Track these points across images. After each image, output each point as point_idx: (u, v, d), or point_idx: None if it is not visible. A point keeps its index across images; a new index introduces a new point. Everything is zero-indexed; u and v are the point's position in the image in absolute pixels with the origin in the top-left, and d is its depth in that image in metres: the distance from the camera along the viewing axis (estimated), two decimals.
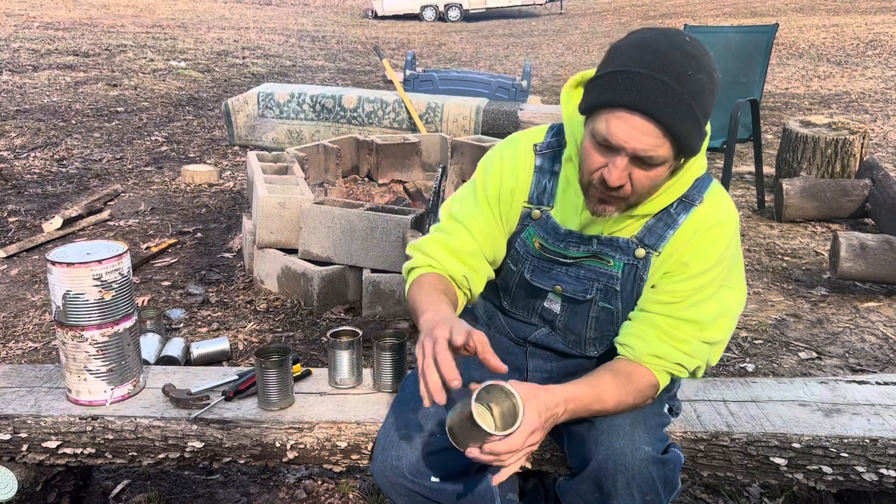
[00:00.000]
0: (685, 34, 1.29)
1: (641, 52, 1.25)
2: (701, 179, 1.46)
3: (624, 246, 1.47)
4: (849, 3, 19.48)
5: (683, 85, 1.22)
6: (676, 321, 1.43)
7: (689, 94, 1.23)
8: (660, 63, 1.23)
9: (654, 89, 1.22)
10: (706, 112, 1.27)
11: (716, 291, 1.44)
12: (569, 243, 1.50)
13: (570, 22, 20.49)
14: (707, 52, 1.28)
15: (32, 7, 16.93)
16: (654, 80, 1.22)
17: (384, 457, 1.51)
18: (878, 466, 1.65)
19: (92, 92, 8.25)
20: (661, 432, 1.49)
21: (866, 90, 8.96)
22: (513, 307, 1.64)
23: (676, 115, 1.23)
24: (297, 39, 14.60)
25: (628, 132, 1.25)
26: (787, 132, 4.95)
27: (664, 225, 1.45)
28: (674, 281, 1.45)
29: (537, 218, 1.52)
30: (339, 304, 3.30)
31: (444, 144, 4.40)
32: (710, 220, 1.43)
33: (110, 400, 1.77)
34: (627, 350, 1.46)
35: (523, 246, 1.55)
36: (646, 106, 1.23)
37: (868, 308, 3.39)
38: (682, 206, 1.44)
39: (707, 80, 1.26)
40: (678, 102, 1.22)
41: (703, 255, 1.43)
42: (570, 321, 1.57)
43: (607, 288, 1.50)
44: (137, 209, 4.66)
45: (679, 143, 1.26)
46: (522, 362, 1.65)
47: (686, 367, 1.46)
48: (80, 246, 1.77)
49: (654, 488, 1.39)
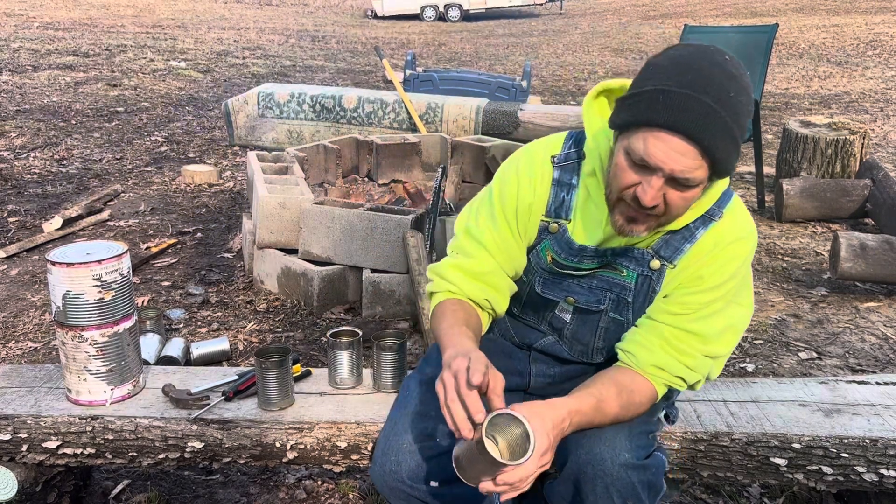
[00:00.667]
0: (724, 52, 1.26)
1: (682, 70, 1.22)
2: (722, 194, 1.44)
3: (639, 257, 1.45)
4: (849, 3, 19.49)
5: (725, 107, 1.20)
6: (682, 333, 1.42)
7: (730, 117, 1.20)
8: (702, 83, 1.20)
9: (696, 111, 1.19)
10: (744, 133, 1.25)
11: (725, 306, 1.43)
12: (583, 257, 1.48)
13: (570, 22, 20.50)
14: (744, 70, 1.25)
15: (32, 7, 16.93)
16: (696, 101, 1.19)
17: (383, 461, 1.51)
18: (879, 467, 1.65)
19: (92, 92, 8.25)
20: (646, 439, 1.48)
21: (866, 90, 8.96)
22: (523, 314, 1.63)
23: (717, 137, 1.20)
24: (297, 39, 14.61)
25: (667, 153, 1.22)
26: (788, 132, 4.95)
27: (681, 238, 1.42)
28: (686, 293, 1.43)
29: (555, 232, 1.49)
30: (339, 304, 3.30)
31: (444, 144, 4.40)
32: (729, 236, 1.41)
33: (110, 400, 1.77)
34: (630, 358, 1.44)
35: (536, 258, 1.53)
36: (687, 128, 1.20)
37: (868, 308, 3.39)
38: (702, 220, 1.42)
39: (746, 101, 1.24)
40: (720, 125, 1.20)
41: (719, 269, 1.41)
42: (578, 331, 1.56)
43: (619, 299, 1.49)
44: (137, 209, 4.66)
45: (716, 165, 1.24)
46: (525, 366, 1.65)
47: (686, 380, 1.44)
48: (80, 246, 1.77)
49: (635, 493, 1.39)
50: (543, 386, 1.64)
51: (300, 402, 1.79)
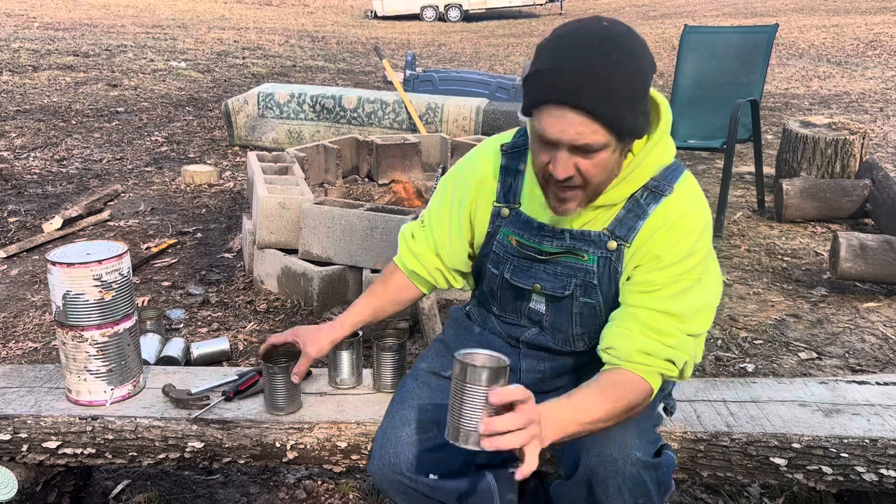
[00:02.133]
0: (603, 19, 1.31)
1: (557, 46, 1.29)
2: (671, 169, 1.45)
3: (596, 239, 1.48)
4: (849, 3, 19.49)
5: (601, 69, 1.24)
6: (657, 314, 1.41)
7: (607, 76, 1.24)
8: (576, 54, 1.25)
9: (573, 80, 1.24)
10: (634, 90, 1.28)
11: (694, 284, 1.43)
12: (543, 237, 1.51)
13: None
14: (627, 32, 1.30)
15: (32, 7, 16.94)
16: (571, 71, 1.24)
17: (382, 454, 1.51)
18: (878, 467, 1.66)
19: (92, 92, 8.25)
20: (654, 434, 1.48)
21: (866, 90, 8.96)
22: (502, 311, 1.66)
23: (599, 100, 1.25)
24: (297, 40, 14.60)
25: (558, 125, 1.28)
26: (787, 132, 4.95)
27: (634, 216, 1.45)
28: (647, 271, 1.44)
29: (507, 216, 1.55)
30: (339, 304, 3.30)
31: (444, 144, 4.40)
32: (677, 211, 1.43)
33: (110, 400, 1.77)
34: (612, 354, 1.43)
35: (501, 247, 1.57)
36: (568, 98, 1.25)
37: (868, 308, 3.39)
38: (652, 196, 1.44)
39: (627, 58, 1.26)
40: (599, 87, 1.24)
41: (674, 247, 1.42)
42: (555, 320, 1.58)
43: (585, 283, 1.51)
44: (137, 209, 4.66)
45: (612, 125, 1.27)
46: (516, 363, 1.65)
47: (675, 362, 1.42)
48: (80, 246, 1.77)
49: (647, 491, 1.39)
50: (534, 382, 1.65)
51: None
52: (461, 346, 1.67)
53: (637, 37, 1.30)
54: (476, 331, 1.72)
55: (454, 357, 1.23)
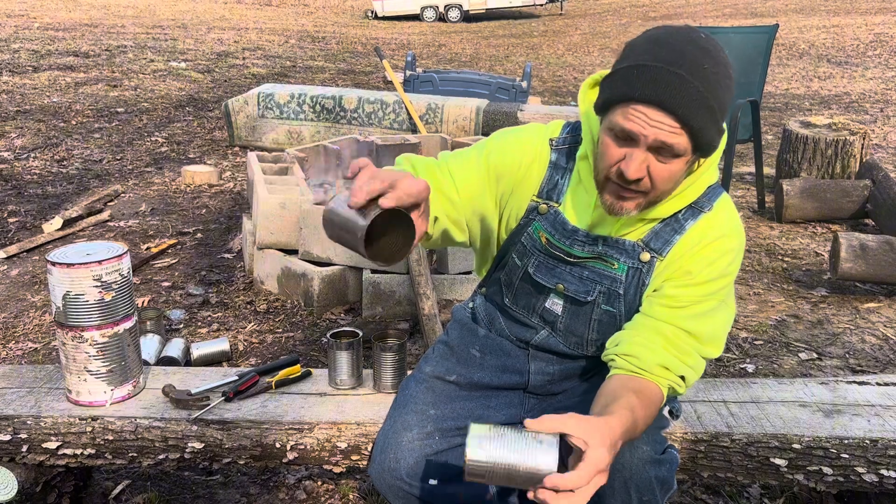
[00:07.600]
0: (700, 31, 1.30)
1: (656, 47, 1.26)
2: (712, 189, 1.45)
3: (629, 249, 1.45)
4: (849, 4, 19.49)
5: (699, 78, 1.23)
6: (680, 331, 1.41)
7: (705, 88, 1.23)
8: (675, 58, 1.24)
9: (671, 82, 1.23)
10: (722, 106, 1.27)
11: (718, 305, 1.43)
12: (574, 241, 1.48)
13: (570, 23, 20.49)
14: (721, 48, 1.29)
15: (32, 8, 16.94)
16: (669, 73, 1.23)
17: (382, 459, 1.51)
18: (879, 467, 1.65)
19: (92, 93, 8.25)
20: (660, 434, 1.48)
21: (866, 91, 8.96)
22: (514, 304, 1.61)
23: (693, 108, 1.23)
24: (298, 40, 14.60)
25: (645, 122, 1.25)
26: (788, 133, 4.95)
27: (671, 230, 1.44)
28: (677, 286, 1.43)
29: (544, 213, 1.50)
30: (340, 304, 3.30)
31: (444, 145, 4.40)
32: (715, 231, 1.42)
33: (110, 400, 1.77)
34: (632, 361, 1.41)
35: (530, 240, 1.53)
36: (662, 99, 1.23)
37: (868, 309, 3.39)
38: (691, 212, 1.43)
39: (723, 74, 1.26)
40: (695, 96, 1.23)
41: (707, 266, 1.41)
42: (571, 323, 1.56)
43: (610, 291, 1.49)
44: (137, 210, 4.66)
45: (696, 136, 1.26)
46: (524, 364, 1.64)
47: (687, 382, 1.43)
48: (80, 246, 1.77)
49: (651, 488, 1.39)
50: (543, 384, 1.64)
51: (300, 403, 1.79)
52: (466, 349, 1.66)
53: (726, 55, 1.30)
54: (481, 333, 1.68)
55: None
